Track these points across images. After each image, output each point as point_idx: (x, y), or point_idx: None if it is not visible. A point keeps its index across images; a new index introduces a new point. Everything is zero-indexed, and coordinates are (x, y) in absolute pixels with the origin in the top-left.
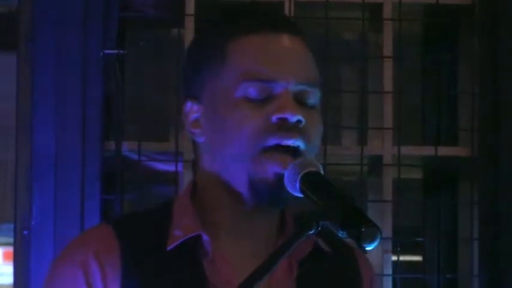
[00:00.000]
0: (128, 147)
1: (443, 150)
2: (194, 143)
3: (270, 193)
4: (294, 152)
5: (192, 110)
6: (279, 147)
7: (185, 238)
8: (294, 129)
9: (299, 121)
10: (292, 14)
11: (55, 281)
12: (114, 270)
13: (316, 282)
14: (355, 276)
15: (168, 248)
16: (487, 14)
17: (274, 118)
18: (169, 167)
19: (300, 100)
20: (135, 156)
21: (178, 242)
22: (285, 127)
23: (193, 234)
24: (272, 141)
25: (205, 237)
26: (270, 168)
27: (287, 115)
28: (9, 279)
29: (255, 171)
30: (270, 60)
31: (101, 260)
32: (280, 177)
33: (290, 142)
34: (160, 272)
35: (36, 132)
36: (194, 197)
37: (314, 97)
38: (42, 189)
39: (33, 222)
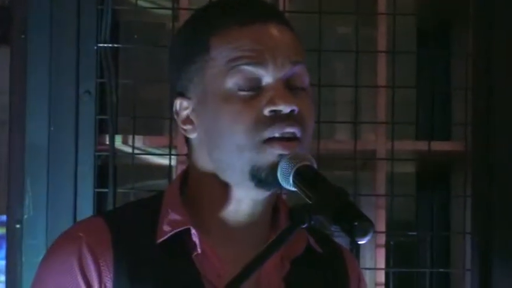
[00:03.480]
0: (121, 141)
1: (437, 145)
2: (187, 139)
3: (272, 176)
4: (292, 138)
5: (182, 106)
6: (276, 137)
7: (172, 232)
8: (289, 118)
9: (292, 110)
10: (285, 8)
11: (50, 269)
12: (106, 262)
13: (304, 282)
14: (343, 277)
15: (158, 242)
16: (481, 8)
17: (267, 111)
18: (163, 161)
19: (291, 85)
20: (128, 150)
21: (166, 237)
22: (279, 118)
23: (180, 229)
24: (268, 134)
25: (193, 230)
26: (274, 152)
27: (280, 107)
28: None
29: (258, 159)
30: (256, 45)
31: (94, 251)
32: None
33: (286, 130)
34: (152, 264)
35: (30, 125)
36: (184, 191)
37: (304, 79)
38: (35, 183)
39: (25, 216)
